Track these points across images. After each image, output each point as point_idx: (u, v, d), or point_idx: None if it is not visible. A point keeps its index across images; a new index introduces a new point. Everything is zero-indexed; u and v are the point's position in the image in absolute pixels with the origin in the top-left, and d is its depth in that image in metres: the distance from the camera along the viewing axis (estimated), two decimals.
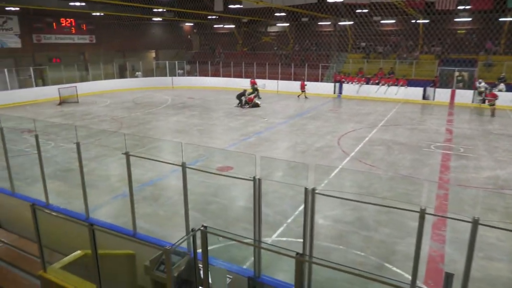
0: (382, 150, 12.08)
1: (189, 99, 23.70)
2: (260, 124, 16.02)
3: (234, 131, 14.60)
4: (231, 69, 29.45)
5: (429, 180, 9.60)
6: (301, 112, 19.12)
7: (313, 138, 13.61)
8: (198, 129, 15.01)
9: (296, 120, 17.09)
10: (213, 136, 14.00)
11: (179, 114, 18.44)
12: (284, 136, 13.95)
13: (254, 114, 18.52)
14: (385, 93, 23.46)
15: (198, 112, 18.92)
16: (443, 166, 10.64)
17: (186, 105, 21.14)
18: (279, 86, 26.76)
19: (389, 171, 10.20)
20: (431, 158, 11.32)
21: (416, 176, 9.84)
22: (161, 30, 32.66)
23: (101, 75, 27.52)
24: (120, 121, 16.73)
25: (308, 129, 15.15)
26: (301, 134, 14.23)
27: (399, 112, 19.12)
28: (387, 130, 14.89)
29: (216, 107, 20.63)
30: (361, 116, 17.77)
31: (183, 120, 16.94)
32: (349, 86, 24.54)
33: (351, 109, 19.83)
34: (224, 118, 17.29)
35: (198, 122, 16.39)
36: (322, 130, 14.94)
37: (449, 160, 11.20)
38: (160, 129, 15.26)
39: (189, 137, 13.65)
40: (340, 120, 16.99)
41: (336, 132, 14.57)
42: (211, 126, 15.64)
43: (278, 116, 17.84)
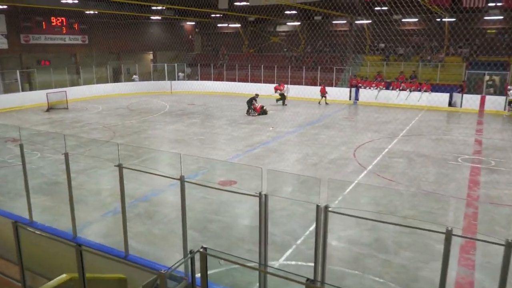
0: (403, 163, 12.01)
1: (189, 105, 23.82)
2: (267, 134, 16.04)
3: (238, 141, 14.63)
4: (236, 73, 29.68)
5: (456, 197, 9.50)
6: (312, 120, 19.11)
7: (325, 149, 13.60)
8: (199, 139, 15.07)
9: (307, 129, 17.09)
10: (215, 146, 14.02)
11: (178, 122, 18.53)
12: (293, 147, 13.95)
13: (260, 122, 18.57)
14: (406, 99, 23.41)
15: (199, 120, 18.99)
16: (472, 181, 10.53)
17: (185, 112, 21.24)
18: (289, 91, 26.88)
19: (411, 186, 10.12)
20: (458, 172, 11.22)
21: (442, 192, 9.75)
22: (160, 29, 33.09)
23: (94, 79, 27.89)
24: (113, 129, 16.84)
25: (321, 139, 15.13)
26: (313, 144, 14.21)
27: (422, 120, 19.05)
28: (408, 141, 14.83)
29: (219, 114, 20.70)
30: (379, 125, 17.73)
31: (182, 128, 17.02)
32: (366, 91, 24.57)
33: (369, 117, 19.80)
34: (227, 127, 17.34)
35: (198, 131, 16.44)
36: (336, 140, 14.91)
37: (479, 174, 11.08)
38: (156, 138, 15.33)
39: (188, 148, 13.69)
40: (356, 129, 16.94)
41: (352, 142, 14.53)
42: (213, 136, 15.68)
43: (287, 124, 17.87)
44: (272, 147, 13.85)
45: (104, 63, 29.19)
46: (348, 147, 13.83)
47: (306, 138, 15.23)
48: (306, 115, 20.31)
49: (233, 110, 21.65)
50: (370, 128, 17.08)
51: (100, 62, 28.94)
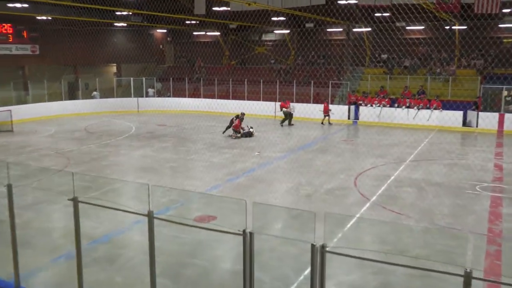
0: (413, 193, 12.11)
1: (159, 126, 23.80)
2: (252, 160, 16.07)
3: (218, 169, 14.64)
4: (215, 88, 29.92)
5: (475, 233, 9.56)
6: (305, 144, 19.24)
7: (321, 177, 13.68)
8: (171, 166, 15.03)
9: (299, 154, 17.17)
10: (190, 175, 13.99)
11: (146, 146, 18.49)
12: (283, 175, 13.97)
13: (244, 146, 18.62)
14: (414, 118, 23.85)
15: (171, 144, 18.97)
16: (493, 213, 10.64)
17: (155, 135, 21.22)
18: (276, 109, 27.14)
19: (422, 220, 10.18)
20: (477, 203, 11.34)
21: (458, 227, 9.81)
22: (125, 38, 33.35)
23: (45, 96, 27.69)
24: (67, 156, 16.68)
25: (315, 165, 15.21)
26: (306, 172, 14.29)
27: (433, 143, 19.37)
28: (418, 167, 15.00)
29: (195, 137, 20.72)
30: (383, 149, 17.94)
31: (151, 154, 16.98)
32: (367, 109, 25.00)
33: (371, 139, 20.06)
34: (205, 152, 17.36)
35: (170, 157, 16.41)
36: (334, 167, 15.02)
37: (501, 205, 11.22)
38: (120, 166, 15.24)
39: (158, 177, 13.63)
40: (357, 154, 17.10)
41: (352, 169, 14.66)
42: (188, 162, 15.66)
43: (276, 148, 17.96)
44: (258, 176, 13.90)
45: (58, 77, 29.08)
46: (348, 175, 13.93)
47: (299, 165, 15.30)
48: (297, 137, 20.45)
49: (211, 132, 21.70)
50: (372, 152, 17.26)
51: (53, 75, 28.82)
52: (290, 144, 18.97)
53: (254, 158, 16.29)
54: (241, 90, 29.28)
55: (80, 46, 28.66)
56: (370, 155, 16.65)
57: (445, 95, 24.97)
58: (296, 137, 20.36)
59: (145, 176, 13.81)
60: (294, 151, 17.61)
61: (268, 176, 13.85)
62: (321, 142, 19.76)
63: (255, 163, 15.60)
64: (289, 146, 18.56)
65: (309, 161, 15.83)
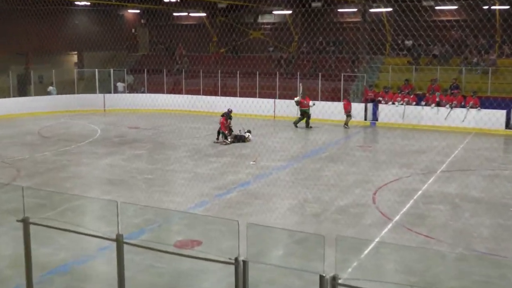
0: (445, 212, 12.11)
1: (131, 129, 23.77)
2: (246, 170, 16.05)
3: (204, 182, 14.61)
4: (200, 82, 29.93)
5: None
6: (312, 150, 19.25)
7: (332, 192, 13.69)
8: (146, 179, 15.01)
9: (304, 162, 17.17)
10: (170, 189, 13.98)
11: (114, 154, 18.47)
12: (285, 189, 13.97)
13: (236, 153, 18.62)
14: (446, 119, 23.94)
15: (146, 151, 18.95)
16: None
17: (126, 140, 21.20)
18: (276, 108, 27.14)
19: (457, 245, 10.18)
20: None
21: (502, 253, 9.81)
22: (89, 21, 33.27)
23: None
24: (17, 166, 16.60)
25: (325, 177, 15.22)
26: (314, 185, 14.29)
27: (470, 149, 19.44)
28: (451, 179, 15.03)
29: (175, 142, 20.70)
30: (409, 156, 17.98)
31: (121, 164, 16.95)
32: (388, 107, 25.08)
33: (393, 145, 20.08)
34: (188, 161, 17.33)
35: (145, 167, 16.39)
36: (348, 179, 15.03)
37: None
38: (82, 179, 15.19)
39: (130, 192, 13.60)
40: (376, 163, 17.13)
41: (370, 182, 14.67)
42: (167, 174, 15.63)
43: (276, 156, 17.97)
44: (254, 190, 13.88)
45: (5, 68, 29.00)
46: (365, 189, 13.93)
47: (304, 176, 15.30)
48: (302, 142, 20.46)
49: (196, 136, 21.68)
50: (395, 160, 17.28)
51: (0, 67, 28.74)
52: (293, 150, 18.97)
53: (248, 168, 16.26)
54: (232, 84, 29.28)
55: (33, 30, 28.55)
56: (392, 165, 16.66)
57: (483, 90, 25.04)
58: (301, 142, 20.38)
59: (113, 191, 13.77)
60: (298, 160, 17.60)
61: (266, 190, 13.83)
62: (331, 148, 19.77)
63: (250, 174, 15.56)
64: (292, 153, 18.56)
65: (316, 172, 15.81)
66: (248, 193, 13.57)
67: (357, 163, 17.07)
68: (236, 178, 15.12)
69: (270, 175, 15.49)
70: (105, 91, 30.58)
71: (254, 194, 13.48)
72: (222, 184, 14.48)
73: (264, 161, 17.18)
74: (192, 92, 29.81)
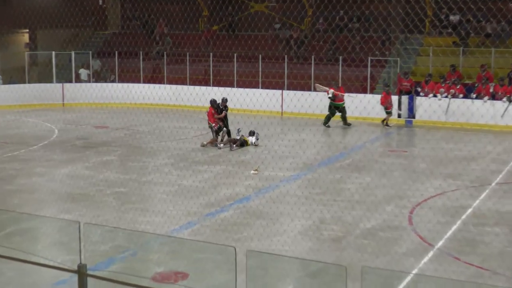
0: (502, 236, 12.05)
1: (98, 129, 23.80)
2: (245, 182, 16.03)
3: (191, 197, 14.60)
4: (187, 69, 29.92)
5: None
6: (330, 156, 19.23)
7: (357, 210, 13.66)
8: (117, 193, 15.02)
9: (320, 172, 17.18)
10: (147, 207, 13.97)
11: (76, 161, 18.50)
12: (296, 206, 13.87)
13: (233, 160, 18.63)
14: (502, 116, 23.92)
15: (116, 158, 18.99)
16: None
17: (92, 143, 21.21)
18: (285, 102, 27.09)
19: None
20: None
21: None
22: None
23: None
24: None
25: (347, 191, 15.21)
26: (332, 201, 14.27)
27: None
28: (510, 194, 15.00)
29: (154, 145, 20.75)
30: (456, 165, 17.97)
31: (84, 174, 16.98)
32: (429, 101, 25.05)
33: (435, 150, 20.11)
34: (171, 170, 17.36)
35: (116, 179, 16.40)
36: (376, 193, 14.99)
37: None
38: (35, 193, 15.18)
39: (96, 211, 13.61)
40: (413, 173, 17.11)
41: (405, 197, 14.66)
42: (144, 187, 15.66)
43: (284, 163, 17.88)
44: (255, 208, 13.84)
45: None
46: (399, 206, 13.90)
47: (320, 190, 15.25)
48: (318, 146, 20.33)
49: (182, 138, 21.61)
50: (438, 170, 17.25)
51: None
52: (306, 157, 18.85)
53: (249, 180, 16.22)
54: (228, 71, 29.23)
55: None
56: (434, 175, 16.54)
57: None
58: (316, 146, 20.23)
59: (74, 209, 13.70)
60: (313, 168, 17.56)
61: (272, 208, 13.71)
62: (355, 153, 19.72)
63: (250, 187, 15.51)
64: (304, 160, 18.49)
65: (336, 184, 15.81)
66: (248, 212, 13.54)
67: (388, 173, 17.01)
68: (233, 192, 15.04)
69: (277, 188, 15.46)
70: (65, 79, 30.56)
71: (255, 213, 13.42)
72: (214, 200, 14.45)
73: (269, 170, 17.09)
74: (177, 82, 29.78)
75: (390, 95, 24.91)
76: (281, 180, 16.22)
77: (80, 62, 31.50)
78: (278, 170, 17.19)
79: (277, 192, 15.17)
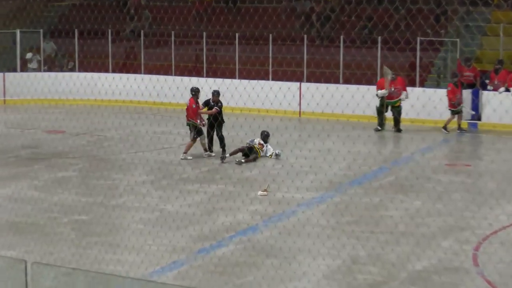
0: None
1: (50, 134, 23.95)
2: (251, 206, 16.12)
3: (178, 227, 14.63)
4: (172, 53, 30.09)
5: None
6: (365, 172, 19.26)
7: (402, 245, 13.66)
8: (76, 222, 15.09)
9: (352, 193, 17.33)
10: (117, 241, 13.96)
11: (21, 178, 18.64)
12: (319, 239, 13.85)
13: (234, 176, 18.77)
14: None
15: (76, 174, 19.15)
16: None
17: (42, 153, 21.42)
18: (303, 99, 27.02)
19: None
20: None
21: None
22: None
23: None
24: None
25: (389, 219, 15.26)
26: (369, 234, 14.30)
27: None
28: None
29: (128, 157, 20.94)
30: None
31: (32, 195, 17.05)
32: (499, 98, 25.13)
33: (508, 163, 20.16)
34: (150, 190, 17.46)
35: (75, 202, 16.44)
36: (429, 223, 14.96)
37: None
38: None
39: (49, 245, 13.56)
40: (479, 195, 17.09)
41: (469, 228, 14.71)
42: (114, 214, 15.66)
43: (303, 181, 18.02)
44: (264, 242, 13.92)
45: None
46: (459, 241, 13.88)
47: (352, 218, 15.27)
48: (348, 158, 20.24)
49: (165, 147, 21.78)
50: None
51: None
52: (333, 172, 18.90)
53: (255, 204, 16.30)
54: (227, 57, 29.30)
55: None
56: (507, 198, 16.58)
57: None
58: (346, 158, 20.13)
59: (19, 242, 13.73)
60: (342, 189, 17.62)
61: (287, 242, 13.76)
62: (399, 168, 19.72)
63: (257, 214, 15.58)
64: (330, 177, 18.55)
65: (374, 211, 15.83)
66: (254, 247, 13.52)
67: (445, 195, 17.03)
68: (234, 220, 15.12)
69: (293, 215, 15.48)
70: (6, 68, 30.69)
71: (264, 249, 13.44)
72: (209, 231, 14.53)
73: (283, 191, 17.08)
74: (158, 71, 29.90)
75: (460, 89, 24.92)
76: (299, 205, 16.24)
77: (27, 45, 31.58)
78: (295, 190, 17.21)
79: (294, 220, 15.15)
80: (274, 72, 28.21)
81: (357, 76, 25.38)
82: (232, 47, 29.11)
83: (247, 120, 19.37)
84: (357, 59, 27.41)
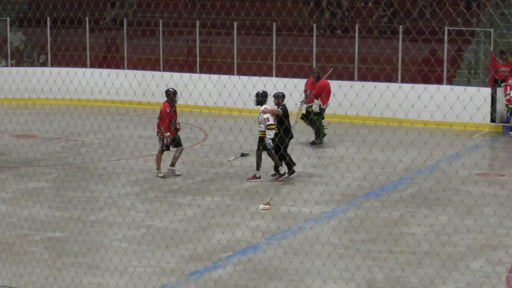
0: None
1: (20, 139, 24.11)
2: (252, 222, 16.08)
3: (167, 246, 14.71)
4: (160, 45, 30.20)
5: None
6: (384, 183, 19.36)
7: (426, 267, 13.66)
8: (49, 241, 15.12)
9: (367, 207, 17.41)
10: (96, 262, 14.02)
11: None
12: (329, 259, 13.95)
13: (232, 188, 18.82)
14: None
15: (49, 185, 19.23)
16: None
17: (9, 161, 21.71)
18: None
19: None
20: None
21: None
22: None
23: None
24: None
25: (410, 237, 15.39)
26: (387, 254, 14.36)
27: None
28: None
29: (109, 165, 21.09)
30: None
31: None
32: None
33: None
34: (135, 202, 17.67)
35: (48, 217, 16.45)
36: (457, 241, 14.97)
37: None
38: None
39: (18, 266, 13.57)
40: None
41: (503, 247, 14.77)
42: (92, 231, 15.70)
43: (312, 194, 17.97)
44: (267, 262, 14.00)
45: None
46: (491, 262, 13.88)
47: (368, 236, 15.43)
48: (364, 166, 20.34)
49: (151, 155, 21.90)
50: None
51: None
52: (347, 183, 18.97)
53: (257, 219, 16.37)
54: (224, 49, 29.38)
55: None
56: None
57: None
58: (362, 166, 20.21)
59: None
60: (357, 202, 17.69)
61: (293, 263, 13.75)
62: (423, 178, 19.75)
63: (259, 230, 15.64)
64: (342, 188, 18.62)
65: (393, 227, 15.87)
66: (255, 269, 13.59)
67: (475, 209, 17.06)
68: (232, 238, 15.21)
69: (300, 232, 15.56)
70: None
71: (267, 271, 13.47)
72: (203, 250, 14.61)
73: (288, 204, 17.18)
74: (143, 66, 29.93)
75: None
76: (306, 220, 16.32)
77: None
78: (302, 203, 17.30)
79: (301, 238, 15.24)
80: (278, 67, 28.27)
81: (374, 72, 25.46)
82: (230, 38, 29.19)
83: (247, 122, 19.48)
84: (375, 52, 27.41)
